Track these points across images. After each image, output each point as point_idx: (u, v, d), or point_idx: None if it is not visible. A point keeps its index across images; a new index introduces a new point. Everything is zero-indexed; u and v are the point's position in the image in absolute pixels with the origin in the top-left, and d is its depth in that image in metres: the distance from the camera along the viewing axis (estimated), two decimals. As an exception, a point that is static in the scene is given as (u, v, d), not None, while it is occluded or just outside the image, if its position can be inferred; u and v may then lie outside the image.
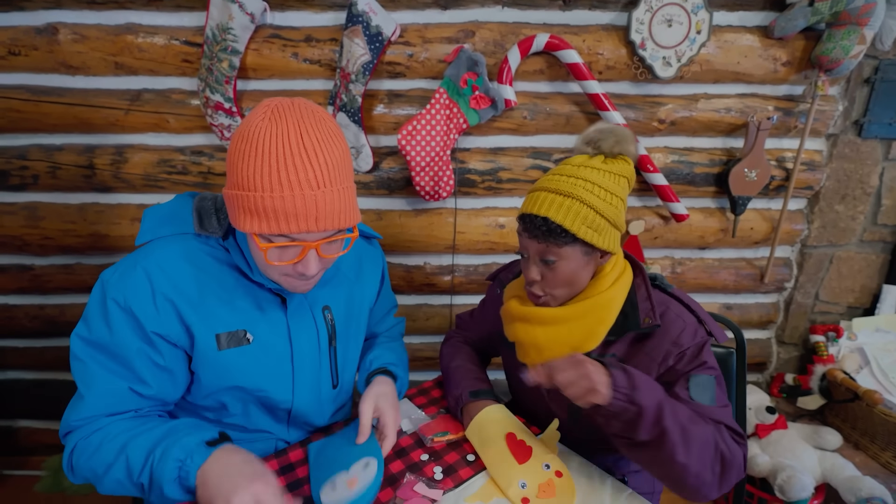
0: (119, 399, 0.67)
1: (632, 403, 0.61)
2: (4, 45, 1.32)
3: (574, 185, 0.71)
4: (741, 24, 1.36)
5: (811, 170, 1.48)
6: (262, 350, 0.74)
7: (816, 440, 1.41)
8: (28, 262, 1.53)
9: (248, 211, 0.61)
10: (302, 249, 0.64)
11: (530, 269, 0.76)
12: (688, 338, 0.73)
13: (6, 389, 1.66)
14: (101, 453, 0.63)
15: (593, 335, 0.76)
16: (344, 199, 0.64)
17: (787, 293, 1.65)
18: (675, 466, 0.63)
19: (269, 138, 0.59)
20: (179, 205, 0.76)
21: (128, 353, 0.66)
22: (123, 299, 0.65)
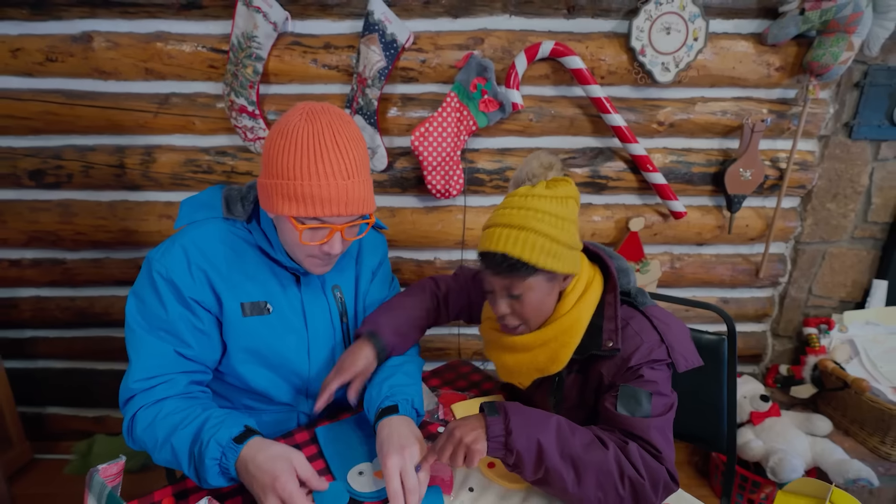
0: (166, 361, 0.75)
1: (508, 450, 0.64)
2: (42, 52, 1.41)
3: (525, 217, 0.71)
4: (736, 31, 1.44)
5: (804, 169, 1.55)
6: (280, 320, 0.84)
7: (808, 427, 1.49)
8: (60, 257, 1.62)
9: (285, 197, 0.71)
10: (330, 231, 0.74)
11: (499, 305, 0.76)
12: (638, 356, 0.72)
13: (37, 378, 1.76)
14: (154, 429, 0.71)
15: (557, 359, 0.76)
16: (367, 189, 0.75)
17: (781, 288, 1.72)
18: (571, 497, 0.65)
19: (306, 135, 0.69)
20: (210, 194, 0.87)
21: (172, 317, 0.75)
22: (166, 271, 0.75)
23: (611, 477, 0.64)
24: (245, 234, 0.83)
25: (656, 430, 0.68)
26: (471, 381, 1.04)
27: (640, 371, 0.72)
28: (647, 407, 0.69)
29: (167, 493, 0.71)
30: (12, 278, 1.63)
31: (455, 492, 0.71)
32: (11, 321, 1.67)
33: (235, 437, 0.67)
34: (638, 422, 0.68)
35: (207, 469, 0.65)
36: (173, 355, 0.76)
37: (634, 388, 0.71)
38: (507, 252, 0.70)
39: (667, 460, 0.67)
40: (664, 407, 0.71)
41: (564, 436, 0.66)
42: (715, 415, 1.08)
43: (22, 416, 1.74)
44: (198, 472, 0.67)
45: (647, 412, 0.69)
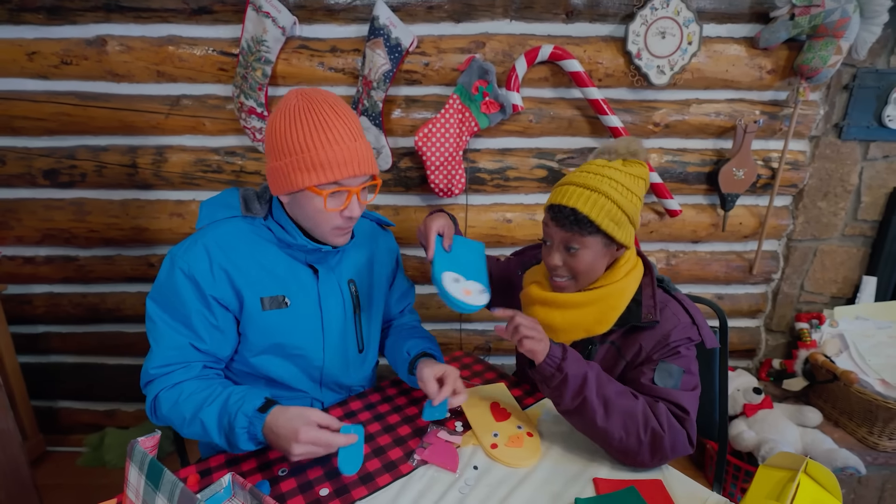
0: (182, 352, 0.81)
1: (559, 371, 0.74)
2: (57, 55, 1.46)
3: (600, 182, 0.79)
4: (729, 35, 1.49)
5: (795, 169, 1.60)
6: (297, 313, 0.88)
7: (799, 418, 1.53)
8: (73, 254, 1.67)
9: (303, 169, 0.76)
10: (348, 195, 0.80)
11: (553, 256, 0.83)
12: (676, 333, 0.80)
13: (50, 372, 1.80)
14: (179, 408, 0.78)
15: (604, 320, 0.83)
16: (370, 149, 0.82)
17: (774, 284, 1.77)
18: (597, 430, 0.75)
19: (307, 110, 0.76)
20: (228, 195, 0.91)
21: (189, 313, 0.80)
22: (188, 268, 0.80)
23: (635, 423, 0.73)
24: (264, 230, 0.87)
25: (686, 399, 0.77)
26: (474, 371, 1.09)
27: (679, 348, 0.80)
28: (678, 381, 0.79)
29: (192, 471, 0.76)
30: (26, 275, 1.67)
31: (460, 470, 0.76)
32: (25, 317, 1.72)
33: (259, 407, 0.74)
34: (672, 391, 0.77)
35: (238, 437, 0.72)
36: (188, 347, 0.81)
37: (671, 365, 0.79)
38: (577, 208, 0.78)
39: (690, 425, 0.76)
40: (691, 384, 0.80)
41: (602, 379, 0.76)
42: (708, 405, 1.12)
43: (35, 410, 1.79)
44: (229, 440, 0.74)
45: (678, 385, 0.78)
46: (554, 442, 0.83)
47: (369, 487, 0.72)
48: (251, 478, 0.75)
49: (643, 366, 0.82)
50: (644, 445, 0.73)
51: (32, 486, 1.10)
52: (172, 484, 0.49)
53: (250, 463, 0.78)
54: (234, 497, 0.69)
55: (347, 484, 0.73)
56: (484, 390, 0.97)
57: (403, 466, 0.77)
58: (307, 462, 0.77)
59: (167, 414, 0.78)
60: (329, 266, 0.92)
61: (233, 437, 0.74)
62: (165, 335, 0.80)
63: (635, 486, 0.69)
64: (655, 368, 0.79)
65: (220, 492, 0.68)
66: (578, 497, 0.68)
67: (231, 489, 0.69)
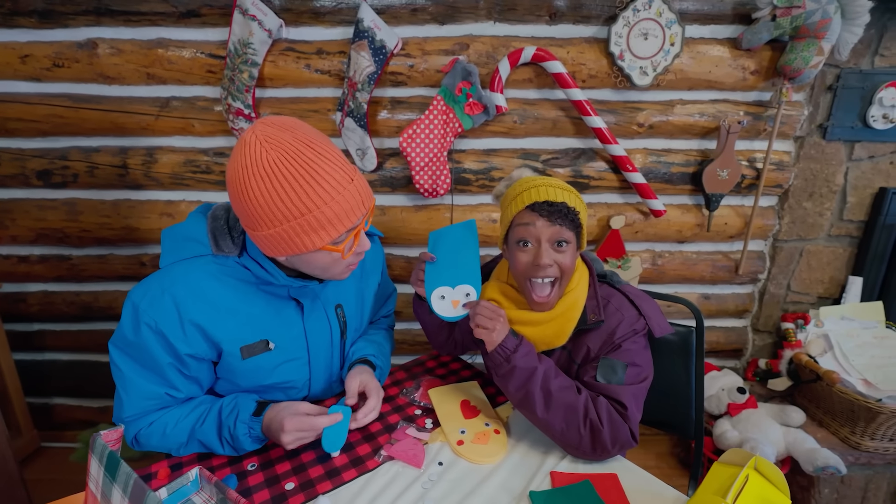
0: (156, 401, 0.78)
1: (506, 361, 0.78)
2: (49, 58, 1.49)
3: (563, 184, 0.82)
4: (713, 36, 1.49)
5: (780, 169, 1.60)
6: (282, 354, 0.83)
7: (783, 417, 1.54)
8: (67, 253, 1.70)
9: (312, 230, 0.67)
10: (356, 233, 0.73)
11: (543, 255, 0.79)
12: (621, 329, 0.82)
13: (44, 369, 1.83)
14: (170, 438, 0.78)
15: (562, 333, 0.84)
16: (364, 179, 0.73)
17: (761, 284, 1.77)
18: (540, 421, 0.78)
19: (288, 164, 0.63)
20: (194, 225, 0.80)
21: (160, 366, 0.75)
22: (155, 324, 0.72)
23: (575, 415, 0.76)
24: (239, 270, 0.78)
25: (628, 395, 0.78)
26: (450, 370, 1.11)
27: (622, 342, 0.82)
28: (621, 376, 0.80)
29: (163, 465, 0.78)
30: (21, 273, 1.71)
31: (425, 466, 0.77)
32: (20, 315, 1.75)
33: (253, 412, 0.77)
34: (612, 387, 0.79)
35: (243, 442, 0.77)
36: (163, 396, 0.78)
37: (613, 360, 0.81)
38: (567, 203, 0.79)
39: (631, 420, 0.77)
40: (637, 377, 0.81)
41: (550, 374, 0.79)
42: (684, 403, 1.13)
43: (30, 406, 1.82)
44: (233, 447, 0.78)
45: (622, 380, 0.80)
46: (521, 439, 0.85)
47: (334, 482, 0.74)
48: (221, 472, 0.77)
49: (588, 364, 0.84)
50: (584, 438, 0.75)
51: (19, 479, 1.13)
52: (127, 475, 0.51)
53: (221, 458, 0.80)
54: (201, 490, 0.71)
55: (313, 479, 0.75)
56: (456, 388, 0.98)
57: (370, 462, 0.78)
58: (276, 457, 0.79)
59: (156, 446, 0.79)
60: (314, 295, 0.86)
61: (238, 444, 0.77)
62: (136, 384, 0.76)
63: (590, 480, 0.70)
64: (598, 366, 0.81)
65: (187, 485, 0.70)
66: (533, 490, 0.69)
67: (199, 482, 0.71)
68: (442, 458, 0.79)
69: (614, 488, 0.69)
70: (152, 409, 0.79)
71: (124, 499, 0.50)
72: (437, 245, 0.97)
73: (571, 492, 0.68)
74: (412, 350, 1.79)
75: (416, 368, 1.11)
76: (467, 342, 1.09)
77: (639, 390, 0.80)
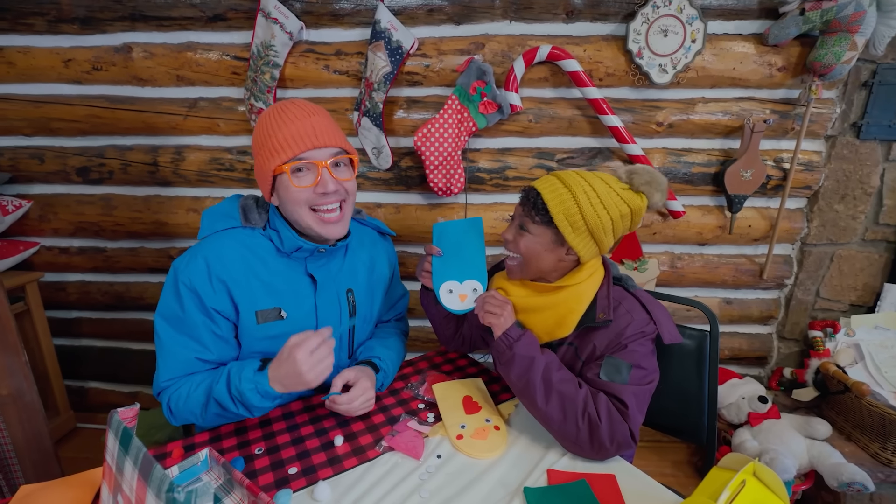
0: (188, 365, 0.86)
1: (509, 349, 0.82)
2: (90, 62, 1.58)
3: (577, 184, 0.81)
4: (737, 32, 1.45)
5: (809, 170, 1.53)
6: (292, 324, 0.89)
7: (807, 430, 1.47)
8: (102, 245, 1.80)
9: (268, 156, 0.82)
10: (317, 170, 0.83)
11: (508, 230, 0.89)
12: (631, 329, 0.81)
13: (81, 354, 1.95)
14: (191, 400, 0.83)
15: (564, 323, 0.85)
16: (334, 126, 0.86)
17: (787, 290, 1.70)
18: (539, 411, 0.79)
19: (273, 109, 0.85)
20: (228, 205, 0.93)
21: (195, 323, 0.83)
22: (189, 282, 0.83)
23: (574, 409, 0.76)
24: (263, 240, 0.89)
25: (630, 394, 0.77)
26: (456, 366, 1.12)
27: (629, 343, 0.81)
28: (625, 376, 0.79)
29: (178, 445, 0.82)
30: (62, 264, 1.82)
31: (424, 458, 0.79)
32: (60, 303, 1.87)
33: (257, 368, 0.80)
34: (615, 385, 0.79)
35: (250, 398, 0.78)
36: (194, 361, 0.86)
37: (617, 360, 0.81)
38: (542, 193, 0.82)
39: (631, 420, 0.76)
40: (642, 379, 0.80)
41: (551, 366, 0.81)
42: (696, 408, 1.11)
43: (67, 389, 1.94)
44: (245, 406, 0.80)
45: (625, 380, 0.79)
46: (521, 436, 0.85)
47: (335, 469, 0.76)
48: (230, 454, 0.80)
49: (593, 361, 0.83)
50: (582, 432, 0.75)
51: (53, 454, 1.21)
52: (138, 449, 0.54)
53: (231, 440, 0.84)
54: (210, 470, 0.74)
55: (315, 465, 0.77)
56: (460, 383, 0.99)
57: (371, 452, 0.80)
58: (282, 443, 0.82)
59: (183, 410, 0.84)
60: (329, 275, 0.93)
61: (247, 401, 0.79)
62: (172, 352, 0.85)
63: (586, 480, 0.70)
64: (602, 363, 0.81)
65: (197, 464, 0.74)
66: (527, 486, 0.70)
67: (208, 463, 0.75)
68: (441, 452, 0.80)
69: (611, 489, 0.69)
70: (183, 374, 0.85)
71: (135, 471, 0.54)
72: (443, 239, 0.98)
73: (567, 490, 0.68)
74: (424, 347, 1.81)
75: (423, 364, 1.13)
76: (475, 338, 1.10)
77: (642, 392, 0.79)
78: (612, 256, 1.61)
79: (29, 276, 1.72)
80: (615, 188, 0.82)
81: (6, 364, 1.10)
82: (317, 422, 0.89)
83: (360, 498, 0.70)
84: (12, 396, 1.12)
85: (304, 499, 0.70)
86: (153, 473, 0.51)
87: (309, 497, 0.70)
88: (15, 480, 1.17)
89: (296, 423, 0.89)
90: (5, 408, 1.12)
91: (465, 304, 0.93)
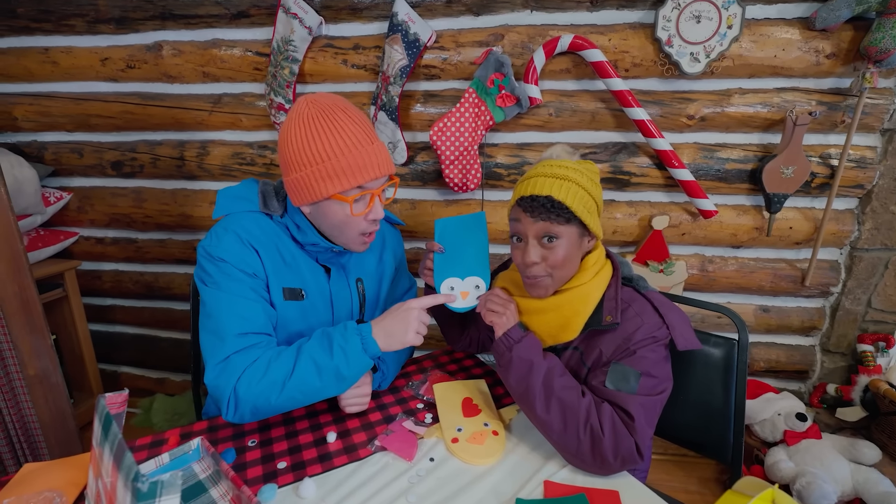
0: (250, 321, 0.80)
1: (508, 349, 0.78)
2: (124, 60, 1.65)
3: (569, 171, 0.76)
4: (780, 16, 1.33)
5: (861, 167, 1.39)
6: (311, 307, 0.90)
7: (852, 453, 1.34)
8: (133, 237, 1.88)
9: (325, 178, 0.76)
10: (370, 197, 0.81)
11: (529, 253, 0.77)
12: (640, 334, 0.76)
13: (114, 340, 2.05)
14: (275, 368, 0.76)
15: (569, 326, 0.79)
16: (386, 150, 0.82)
17: (833, 298, 1.56)
18: (539, 419, 0.75)
19: (321, 118, 0.76)
20: (247, 187, 0.91)
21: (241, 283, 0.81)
22: (225, 253, 0.81)
23: (575, 418, 0.72)
24: (281, 227, 0.88)
25: (637, 405, 0.72)
26: (462, 366, 1.08)
27: (637, 349, 0.75)
28: (633, 385, 0.73)
29: (175, 433, 0.83)
30: (97, 253, 1.92)
31: (416, 460, 0.76)
32: (96, 290, 1.97)
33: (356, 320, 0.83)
34: (622, 395, 0.73)
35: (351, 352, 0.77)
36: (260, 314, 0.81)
37: (625, 367, 0.75)
38: (553, 195, 0.74)
39: (638, 433, 0.70)
40: (652, 389, 0.74)
41: (553, 372, 0.76)
42: (721, 423, 1.02)
43: (102, 373, 2.04)
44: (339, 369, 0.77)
45: (633, 390, 0.73)
46: (520, 443, 0.80)
47: (325, 466, 0.75)
48: (223, 444, 0.80)
49: (599, 368, 0.77)
50: (583, 444, 0.70)
51: (76, 433, 1.27)
52: (114, 435, 0.54)
53: (227, 431, 0.84)
54: (202, 459, 0.75)
55: (305, 460, 0.76)
56: (462, 384, 0.95)
57: (363, 450, 0.78)
58: (276, 436, 0.82)
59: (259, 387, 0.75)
60: (340, 265, 0.94)
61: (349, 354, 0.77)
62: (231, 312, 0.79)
63: (586, 495, 0.65)
64: (608, 371, 0.75)
65: (189, 452, 0.74)
66: (520, 497, 0.65)
67: (200, 452, 0.75)
68: (434, 455, 0.77)
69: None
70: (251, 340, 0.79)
71: (111, 457, 0.54)
72: (445, 235, 0.95)
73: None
74: (440, 345, 1.78)
75: (428, 362, 1.10)
76: (483, 339, 1.06)
77: (651, 403, 0.73)
78: (637, 258, 1.53)
79: (67, 265, 1.82)
80: (576, 166, 0.79)
81: (34, 346, 1.16)
82: (313, 416, 0.88)
83: (345, 497, 0.68)
84: (39, 377, 1.18)
85: (288, 495, 0.69)
86: (124, 461, 0.50)
87: (293, 493, 0.69)
88: (41, 456, 1.24)
89: (292, 416, 0.88)
90: (33, 387, 1.18)
91: (468, 301, 0.90)
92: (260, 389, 0.76)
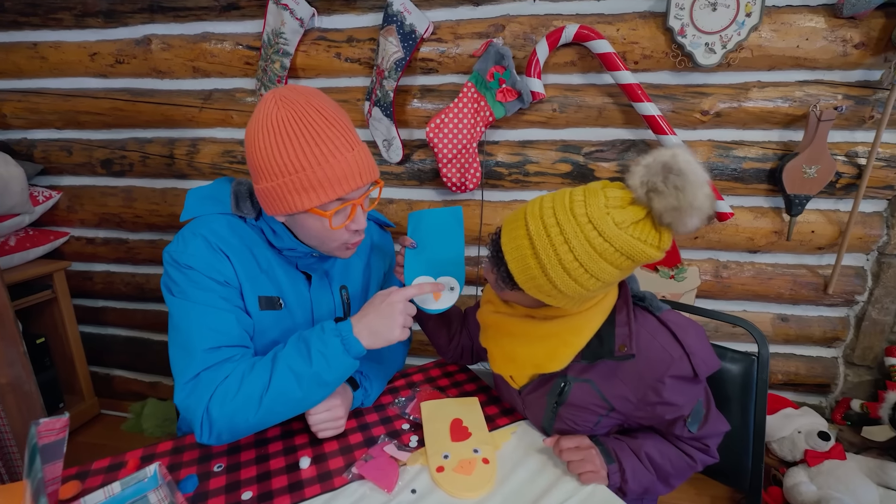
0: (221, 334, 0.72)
1: (621, 491, 0.73)
2: (113, 55, 1.60)
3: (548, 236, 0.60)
4: (803, 3, 1.23)
5: (892, 166, 1.29)
6: (290, 317, 0.83)
7: (881, 476, 1.24)
8: (124, 237, 1.83)
9: (300, 190, 0.67)
10: (352, 208, 0.73)
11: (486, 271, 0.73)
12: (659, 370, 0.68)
13: (106, 343, 2.00)
14: (249, 383, 0.69)
15: (556, 358, 0.72)
16: (368, 153, 0.73)
17: (858, 308, 1.45)
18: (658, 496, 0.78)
19: (294, 121, 0.66)
20: (219, 187, 0.83)
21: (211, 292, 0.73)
22: (193, 260, 0.73)
23: (684, 475, 0.77)
24: (255, 231, 0.81)
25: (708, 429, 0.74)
26: (454, 381, 1.00)
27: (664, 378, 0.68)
28: (701, 410, 0.74)
29: (136, 455, 0.76)
30: (88, 254, 1.87)
31: (396, 491, 0.68)
32: (87, 291, 1.92)
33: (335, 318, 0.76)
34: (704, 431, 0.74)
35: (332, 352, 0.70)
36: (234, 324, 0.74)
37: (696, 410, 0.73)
38: (503, 248, 0.66)
39: (712, 451, 0.77)
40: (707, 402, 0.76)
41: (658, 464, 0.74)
42: (739, 448, 0.93)
43: (94, 376, 2.00)
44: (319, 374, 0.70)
45: (700, 416, 0.73)
46: (514, 473, 0.72)
47: (294, 497, 0.67)
48: (187, 469, 0.73)
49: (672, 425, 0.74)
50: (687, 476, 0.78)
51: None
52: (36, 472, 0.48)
53: (193, 453, 0.77)
54: (158, 488, 0.68)
55: (273, 490, 0.69)
56: (451, 403, 0.87)
57: (338, 479, 0.71)
58: (245, 460, 0.75)
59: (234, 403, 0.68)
60: (322, 271, 0.87)
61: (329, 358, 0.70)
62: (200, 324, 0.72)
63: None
64: (686, 422, 0.73)
65: (144, 480, 0.67)
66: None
67: (157, 479, 0.68)
68: (417, 485, 0.69)
69: None
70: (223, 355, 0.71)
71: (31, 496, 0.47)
72: (419, 229, 0.87)
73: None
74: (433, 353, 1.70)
75: (418, 376, 1.02)
76: (477, 349, 0.97)
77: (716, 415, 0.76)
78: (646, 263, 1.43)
79: (56, 265, 1.77)
80: (616, 227, 0.56)
81: (5, 354, 1.10)
82: (288, 437, 0.80)
83: (313, 535, 0.61)
84: (11, 385, 1.12)
85: (249, 532, 0.62)
86: None
87: (256, 530, 0.62)
88: (15, 467, 1.18)
89: (265, 436, 0.80)
90: (4, 396, 1.12)
91: (440, 303, 0.81)
92: (235, 407, 0.68)
